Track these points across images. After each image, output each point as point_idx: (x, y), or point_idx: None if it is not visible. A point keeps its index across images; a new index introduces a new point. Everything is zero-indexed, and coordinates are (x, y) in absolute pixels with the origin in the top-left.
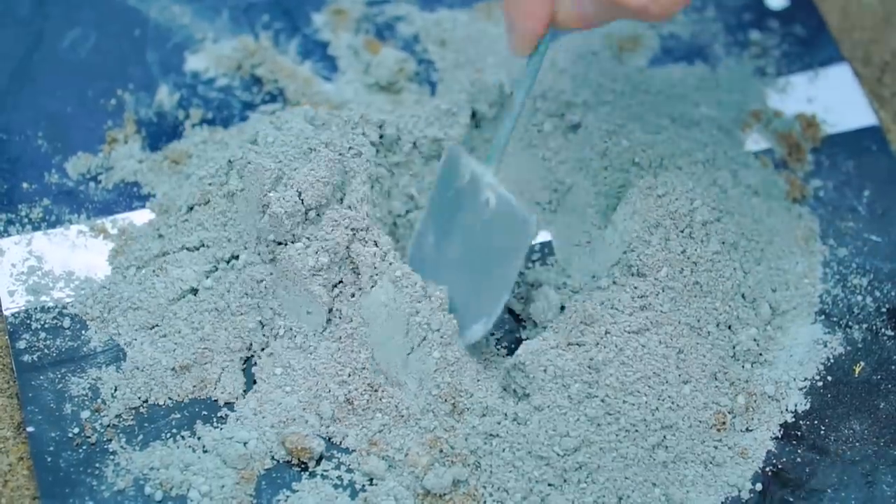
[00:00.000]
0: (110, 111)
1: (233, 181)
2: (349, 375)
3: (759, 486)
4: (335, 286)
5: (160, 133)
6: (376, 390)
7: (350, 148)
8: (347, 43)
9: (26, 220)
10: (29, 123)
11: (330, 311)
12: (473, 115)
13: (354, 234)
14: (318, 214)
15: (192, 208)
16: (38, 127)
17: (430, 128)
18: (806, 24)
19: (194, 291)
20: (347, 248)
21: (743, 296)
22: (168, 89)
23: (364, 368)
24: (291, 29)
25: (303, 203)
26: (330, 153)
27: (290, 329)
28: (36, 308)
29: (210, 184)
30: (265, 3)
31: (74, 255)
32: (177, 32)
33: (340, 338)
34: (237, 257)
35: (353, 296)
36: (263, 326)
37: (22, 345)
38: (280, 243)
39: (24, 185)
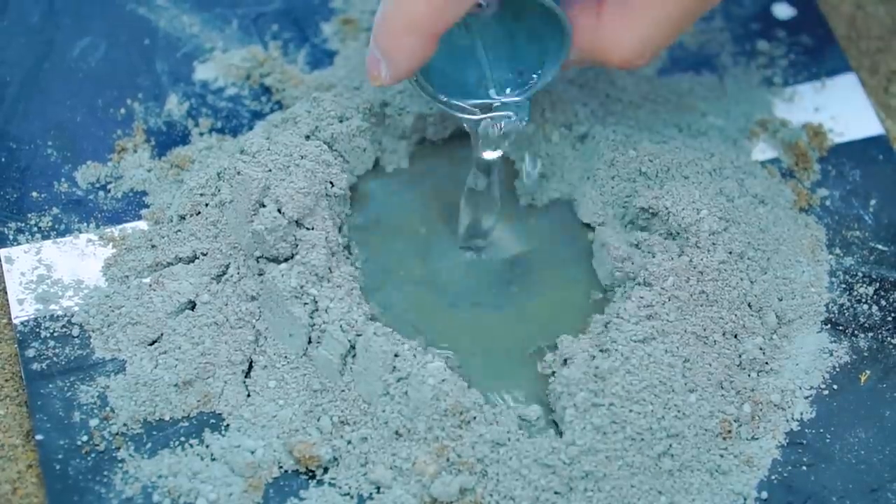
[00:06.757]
0: (120, 120)
1: (224, 191)
2: (340, 400)
3: (764, 495)
4: (316, 310)
5: (169, 142)
6: (366, 413)
7: (339, 155)
8: (355, 48)
9: (35, 229)
10: (38, 132)
11: (310, 335)
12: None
13: (333, 255)
14: (310, 227)
15: (183, 218)
16: (48, 136)
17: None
18: (813, 33)
19: (192, 305)
20: (330, 269)
21: (749, 305)
22: (177, 99)
23: (355, 398)
24: (300, 39)
25: (284, 216)
26: (309, 163)
27: (279, 345)
28: (45, 316)
29: (201, 194)
30: (274, 12)
31: (83, 263)
32: (186, 42)
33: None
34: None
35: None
36: (259, 338)
37: (31, 353)
38: (269, 259)
39: (34, 193)
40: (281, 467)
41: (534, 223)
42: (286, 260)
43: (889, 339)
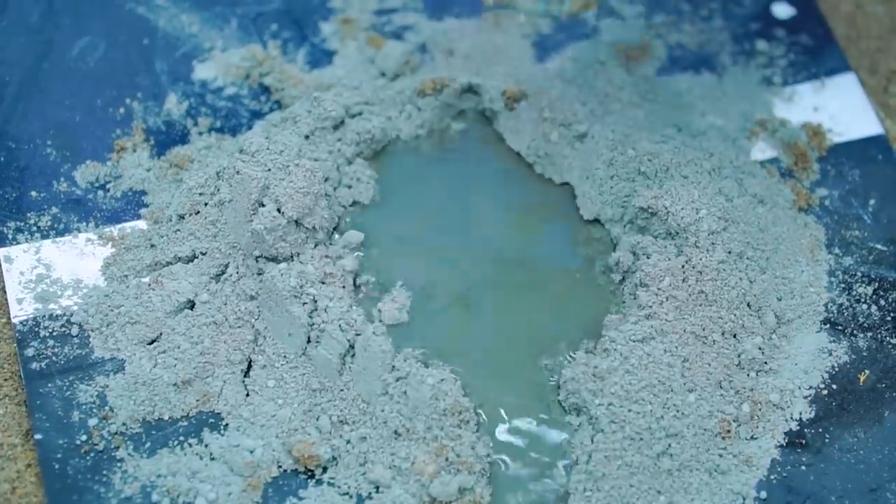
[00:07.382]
0: (119, 120)
1: (223, 191)
2: (339, 399)
3: (763, 494)
4: (315, 309)
5: (168, 142)
6: (365, 413)
7: (339, 154)
8: (354, 47)
9: (35, 229)
10: (38, 132)
11: (309, 334)
12: (483, 112)
13: (332, 260)
14: (312, 227)
15: (182, 218)
16: (47, 135)
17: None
18: (812, 33)
19: (191, 304)
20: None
21: (748, 304)
22: (176, 98)
23: (354, 398)
24: (300, 38)
25: (283, 216)
26: (308, 163)
27: (278, 344)
28: (44, 316)
29: (200, 193)
30: (274, 12)
31: (82, 263)
32: (185, 41)
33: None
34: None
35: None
36: (258, 338)
37: (30, 352)
38: (269, 258)
39: (33, 193)
40: (280, 467)
41: (534, 223)
42: (286, 260)
43: (888, 338)
